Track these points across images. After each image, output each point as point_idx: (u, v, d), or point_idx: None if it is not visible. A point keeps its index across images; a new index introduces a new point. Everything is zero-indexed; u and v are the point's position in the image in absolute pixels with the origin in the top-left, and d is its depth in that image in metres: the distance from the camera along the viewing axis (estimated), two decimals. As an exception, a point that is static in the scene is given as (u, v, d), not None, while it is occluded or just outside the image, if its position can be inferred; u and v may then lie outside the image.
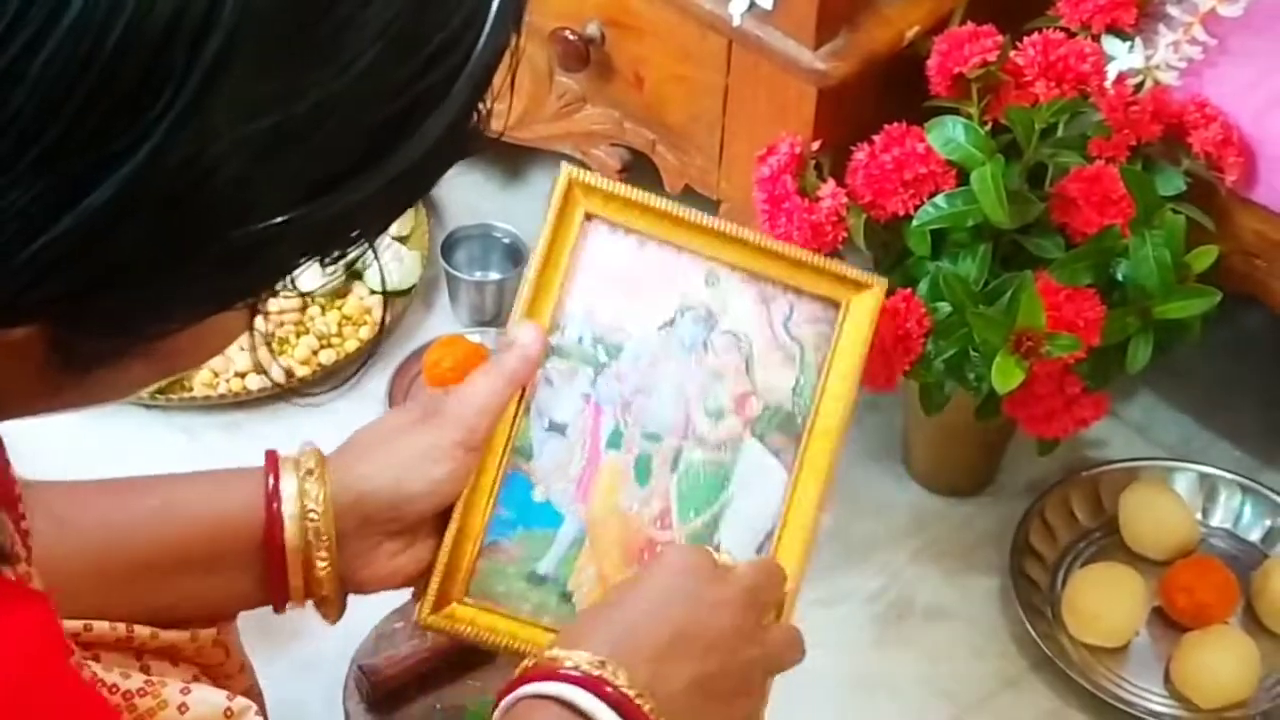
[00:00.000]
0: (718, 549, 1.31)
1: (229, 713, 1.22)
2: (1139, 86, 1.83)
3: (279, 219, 0.75)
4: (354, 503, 1.28)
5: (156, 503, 1.28)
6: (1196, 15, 1.84)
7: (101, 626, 1.23)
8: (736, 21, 1.79)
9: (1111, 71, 1.81)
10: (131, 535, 1.26)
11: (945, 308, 1.76)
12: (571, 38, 1.93)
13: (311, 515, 1.26)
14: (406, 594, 1.80)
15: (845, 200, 1.78)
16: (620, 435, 1.34)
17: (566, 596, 1.32)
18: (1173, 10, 1.85)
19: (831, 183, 1.78)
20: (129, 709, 1.15)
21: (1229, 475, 2.03)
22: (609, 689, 1.16)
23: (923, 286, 1.78)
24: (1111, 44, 1.83)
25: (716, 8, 1.80)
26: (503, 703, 1.18)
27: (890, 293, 1.75)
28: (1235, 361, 2.15)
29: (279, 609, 1.31)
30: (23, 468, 1.01)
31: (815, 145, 1.79)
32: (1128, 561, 1.95)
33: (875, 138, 1.80)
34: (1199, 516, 2.01)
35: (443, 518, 1.31)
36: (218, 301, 0.80)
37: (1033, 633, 1.88)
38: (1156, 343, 1.76)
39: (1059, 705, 1.88)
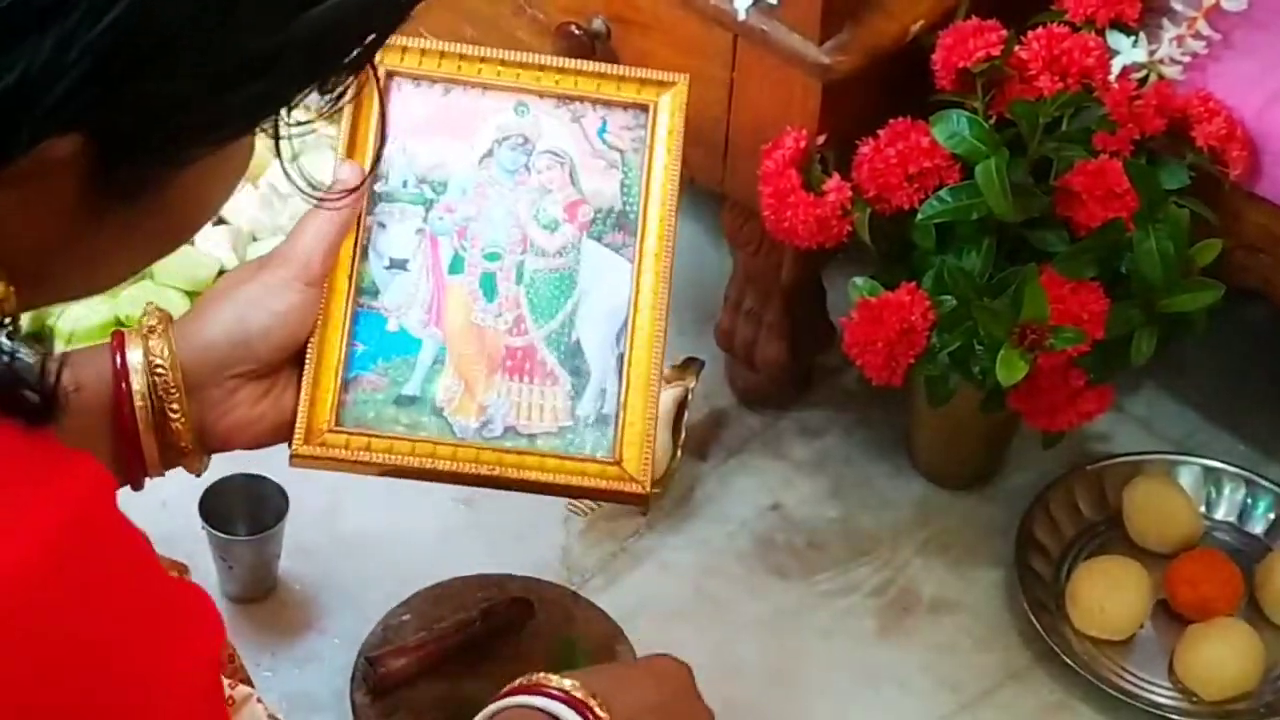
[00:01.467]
0: (577, 344, 1.37)
1: (230, 700, 1.22)
2: (1143, 81, 1.83)
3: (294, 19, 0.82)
4: (202, 350, 1.29)
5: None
6: (1200, 9, 1.84)
7: None
8: (742, 16, 1.79)
9: (1116, 66, 1.81)
10: None
11: (950, 301, 1.76)
12: (577, 32, 1.93)
13: (159, 370, 1.27)
14: (410, 589, 1.83)
15: (850, 194, 1.78)
16: (461, 260, 1.39)
17: (438, 410, 1.36)
18: (1177, 4, 1.86)
19: (836, 177, 1.78)
20: None
21: (1233, 468, 2.02)
22: (591, 716, 1.21)
23: (927, 280, 1.78)
24: (1116, 38, 1.83)
25: (722, 2, 1.80)
26: (489, 707, 1.22)
27: (895, 286, 1.77)
28: (1239, 355, 2.15)
29: (136, 483, 1.31)
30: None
31: (820, 139, 1.79)
32: (1132, 554, 1.95)
33: (880, 132, 1.80)
34: (1203, 510, 2.01)
35: (301, 364, 1.33)
36: (244, 116, 0.86)
37: (1037, 625, 1.88)
38: (1160, 336, 1.77)
39: (1063, 697, 1.88)
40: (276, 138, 0.91)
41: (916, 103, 1.81)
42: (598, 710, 1.22)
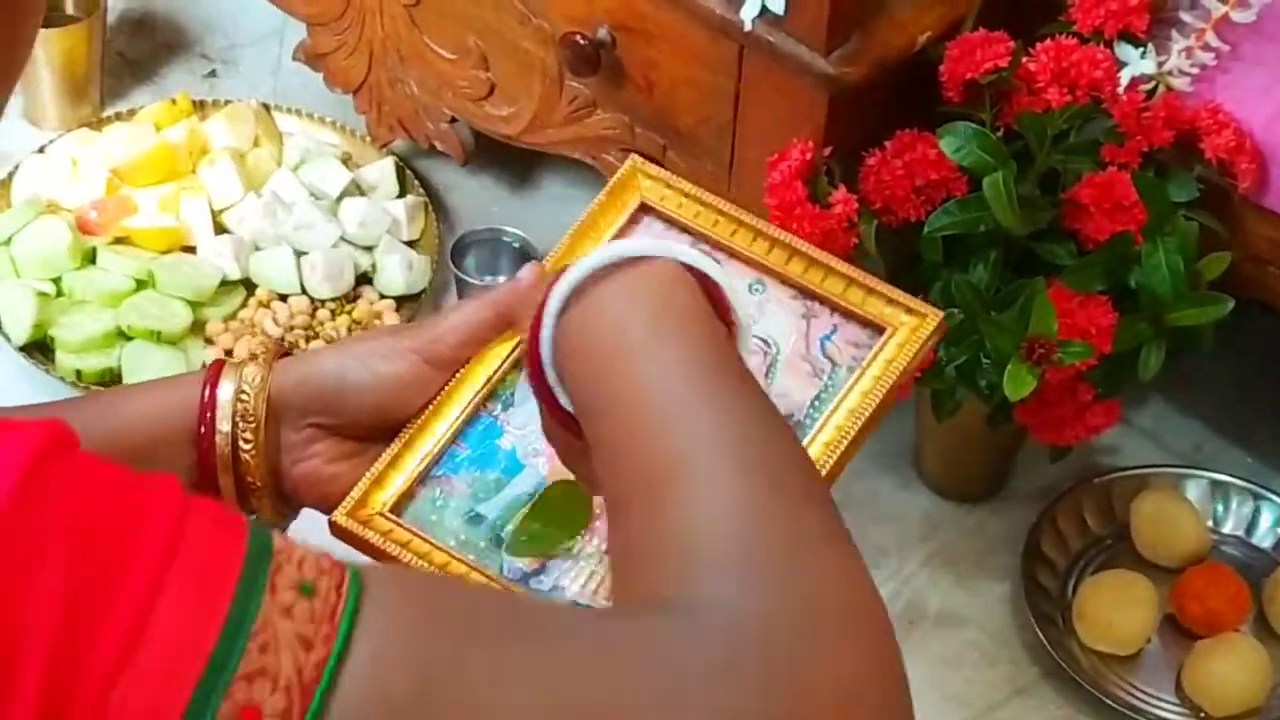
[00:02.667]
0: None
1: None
2: (1151, 92, 1.81)
3: None
4: (293, 387, 1.22)
5: (102, 408, 1.24)
6: (1209, 21, 1.83)
7: None
8: (748, 26, 1.77)
9: (1124, 77, 1.80)
10: (83, 430, 1.24)
11: (957, 314, 1.74)
12: (582, 42, 1.91)
13: (244, 395, 1.20)
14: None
15: (857, 206, 1.76)
16: None
17: (497, 541, 1.24)
18: (1185, 16, 1.84)
19: (843, 189, 1.76)
20: None
21: (1240, 482, 2.01)
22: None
23: (934, 293, 1.77)
24: (1124, 50, 1.81)
25: (728, 13, 1.79)
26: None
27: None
28: (1247, 368, 2.14)
29: None
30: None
31: (826, 151, 1.78)
32: (1139, 568, 1.94)
33: (887, 143, 1.79)
34: (1210, 524, 1.99)
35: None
36: None
37: (1044, 640, 1.87)
38: (1169, 350, 1.75)
39: (1070, 713, 1.87)
40: None
41: (924, 114, 1.80)
42: None
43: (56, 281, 2.10)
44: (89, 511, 0.81)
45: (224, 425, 1.21)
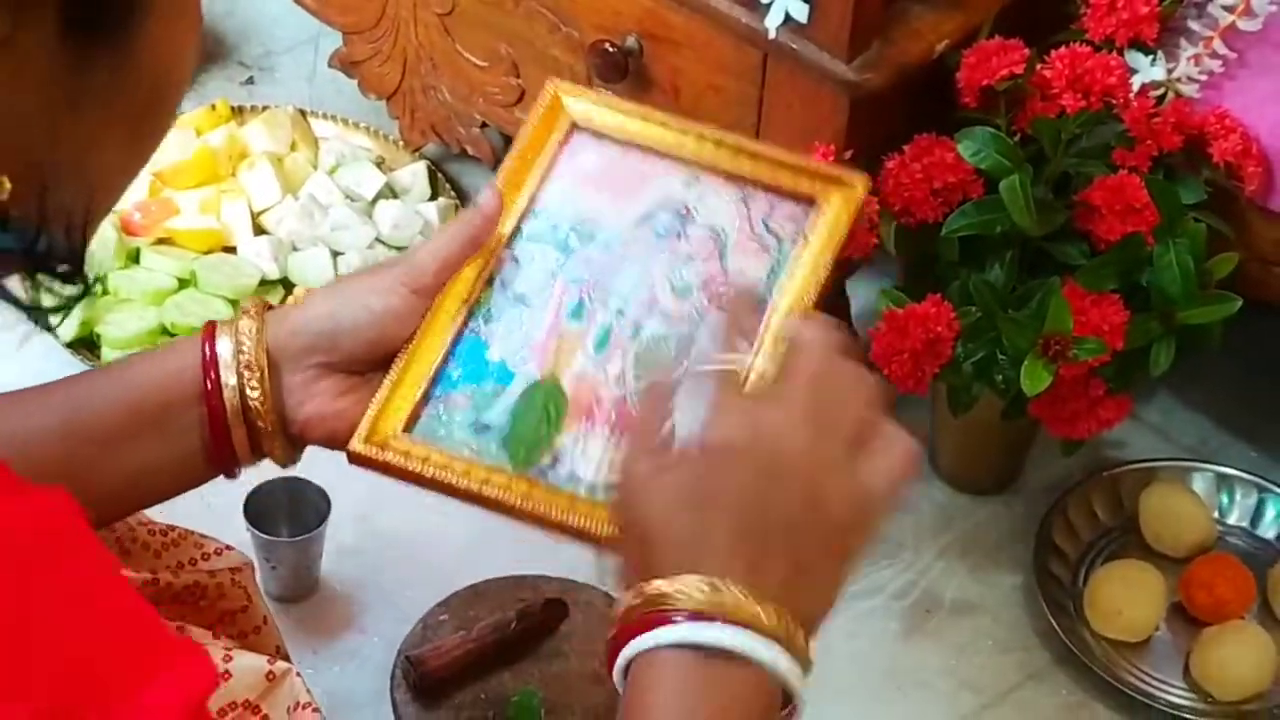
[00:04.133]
0: (670, 414, 1.19)
1: (271, 675, 1.22)
2: (1161, 98, 1.82)
3: None
4: (290, 333, 1.26)
5: (108, 380, 1.28)
6: (1216, 29, 1.84)
7: (128, 575, 1.23)
8: (772, 34, 1.79)
9: (1135, 84, 1.81)
10: (88, 414, 1.25)
11: (974, 312, 1.76)
12: (610, 50, 1.93)
13: (244, 348, 1.24)
14: (448, 590, 1.82)
15: (877, 207, 1.78)
16: (583, 308, 1.32)
17: (506, 443, 1.28)
18: (1193, 25, 1.85)
19: (863, 191, 1.77)
20: None
21: (1246, 475, 2.02)
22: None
23: (952, 292, 1.78)
24: (1135, 58, 1.82)
25: (752, 20, 1.80)
26: (619, 663, 1.06)
27: (921, 298, 1.76)
28: (1252, 366, 2.15)
29: (230, 470, 1.28)
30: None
31: (848, 154, 1.78)
32: (1147, 559, 1.94)
33: (906, 147, 1.80)
34: (1216, 515, 2.00)
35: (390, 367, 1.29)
36: None
37: (1056, 627, 1.88)
38: (1178, 347, 1.76)
39: (1082, 698, 1.87)
40: None
41: (941, 119, 1.81)
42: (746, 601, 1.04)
43: (102, 280, 2.12)
44: (63, 629, 0.82)
45: (229, 379, 1.24)
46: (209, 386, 1.24)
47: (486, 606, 1.80)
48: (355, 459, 1.27)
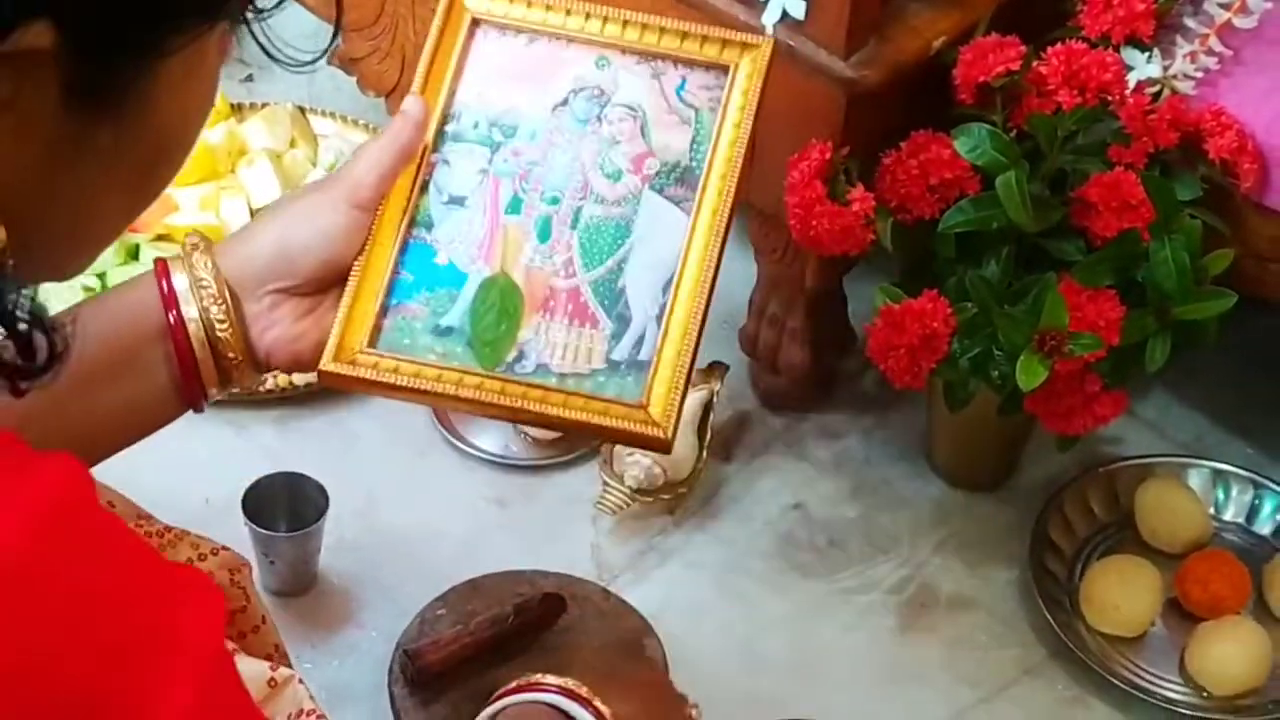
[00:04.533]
0: (623, 290, 1.33)
1: (273, 682, 1.22)
2: (1157, 96, 1.82)
3: None
4: (243, 261, 1.28)
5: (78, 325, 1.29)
6: (1212, 27, 1.84)
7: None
8: (769, 31, 1.78)
9: (1131, 81, 1.81)
10: None
11: (970, 308, 1.76)
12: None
13: (203, 283, 1.26)
14: (446, 585, 1.82)
15: (873, 204, 1.78)
16: (520, 201, 1.36)
17: (470, 342, 1.32)
18: (1189, 22, 1.85)
19: (860, 187, 1.78)
20: None
21: (1241, 471, 2.02)
22: (592, 709, 1.23)
23: (949, 288, 1.78)
24: (1131, 55, 1.82)
25: (750, 17, 1.80)
26: (488, 709, 1.25)
27: (917, 294, 1.76)
28: (1247, 362, 2.15)
29: (198, 404, 1.30)
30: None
31: (845, 151, 1.79)
32: (1143, 554, 1.94)
33: (903, 144, 1.80)
34: (1212, 511, 2.00)
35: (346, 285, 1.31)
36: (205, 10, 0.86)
37: (1052, 622, 1.87)
38: (1174, 343, 1.76)
39: (1078, 692, 1.87)
40: (245, 22, 0.91)
41: (938, 116, 1.81)
42: (597, 704, 1.22)
43: (101, 276, 2.11)
44: (96, 578, 0.83)
45: (191, 311, 1.26)
46: (172, 322, 1.26)
47: (484, 601, 1.80)
48: (326, 378, 1.30)
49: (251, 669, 1.20)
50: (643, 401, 1.29)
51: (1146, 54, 1.83)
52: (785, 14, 1.77)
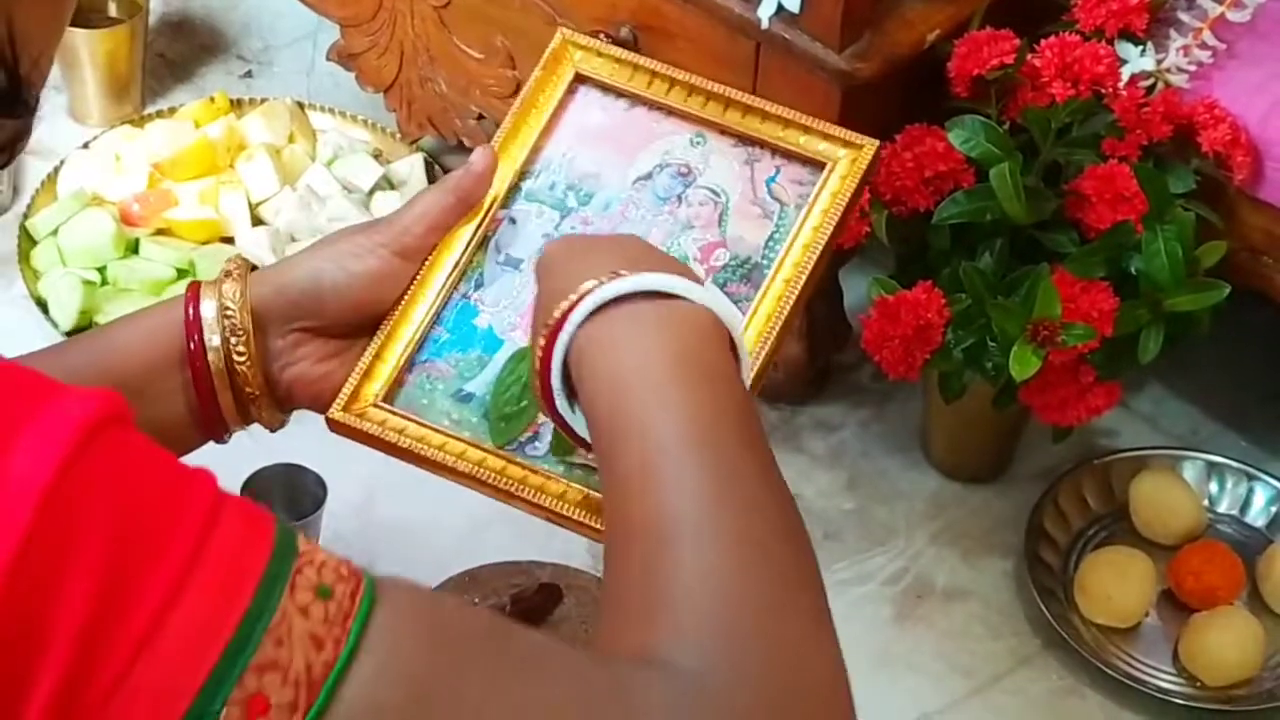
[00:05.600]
0: None
1: None
2: (1151, 88, 1.82)
3: None
4: (273, 295, 1.23)
5: (88, 347, 1.25)
6: (1206, 20, 1.84)
7: None
8: (765, 24, 1.78)
9: (1124, 74, 1.81)
10: (70, 375, 1.23)
11: (964, 299, 1.76)
12: (605, 41, 1.92)
13: (229, 312, 1.21)
14: (443, 576, 1.82)
15: (869, 196, 1.77)
16: None
17: (487, 414, 1.25)
18: (1183, 16, 1.85)
19: (855, 180, 1.77)
20: None
21: (1235, 464, 2.02)
22: None
23: (943, 279, 1.78)
24: (1124, 48, 1.82)
25: (745, 11, 1.80)
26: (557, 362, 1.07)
27: (912, 285, 1.76)
28: (1242, 355, 2.14)
29: (219, 436, 1.26)
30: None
31: (839, 144, 1.78)
32: (1137, 546, 1.94)
33: (898, 137, 1.80)
34: (1206, 503, 2.00)
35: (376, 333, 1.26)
36: None
37: (1046, 613, 1.87)
38: (1167, 334, 1.76)
39: (1072, 682, 1.87)
40: None
41: (933, 109, 1.81)
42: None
43: (101, 271, 2.11)
44: (131, 493, 0.82)
45: (214, 340, 1.22)
46: (192, 349, 1.22)
47: (481, 591, 1.79)
48: (334, 426, 1.25)
49: None
50: None
51: (1140, 47, 1.83)
52: (780, 7, 1.77)
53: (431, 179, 2.27)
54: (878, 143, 1.30)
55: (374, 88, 2.27)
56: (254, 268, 1.26)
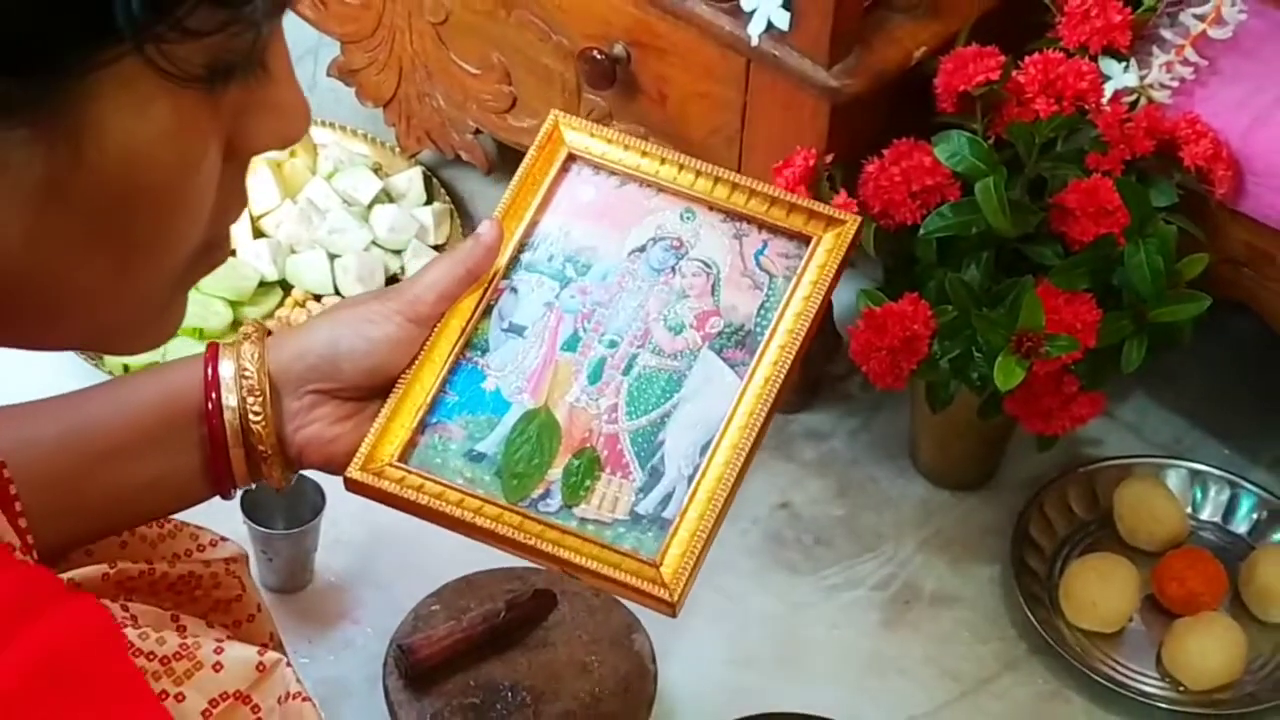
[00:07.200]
0: (661, 444, 1.28)
1: (261, 667, 1.21)
2: (1134, 104, 1.83)
3: None
4: (290, 359, 1.26)
5: (109, 395, 1.28)
6: (1188, 37, 1.84)
7: (125, 565, 1.23)
8: (755, 41, 1.79)
9: (1108, 90, 1.81)
10: (89, 427, 1.25)
11: (950, 311, 1.76)
12: (599, 57, 1.93)
13: (246, 373, 1.24)
14: (440, 582, 1.82)
15: (857, 210, 1.78)
16: (578, 340, 1.32)
17: (500, 472, 1.28)
18: (1165, 33, 1.85)
19: (844, 193, 1.78)
20: (167, 674, 1.15)
21: (1218, 472, 2.02)
22: None
23: (929, 291, 1.78)
24: (1108, 64, 1.83)
25: (736, 28, 1.81)
26: None
27: (899, 297, 1.76)
28: (1224, 365, 2.15)
29: (226, 492, 1.29)
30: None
31: (828, 158, 1.79)
32: (1122, 552, 1.94)
33: (885, 151, 1.80)
34: (1189, 510, 2.00)
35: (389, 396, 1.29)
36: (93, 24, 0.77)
37: (1032, 619, 1.88)
38: (1149, 345, 1.76)
39: (1057, 687, 1.87)
40: (174, 76, 0.79)
41: (919, 124, 1.81)
42: None
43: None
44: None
45: (230, 400, 1.25)
46: (210, 407, 1.25)
47: (477, 597, 1.80)
48: (352, 486, 1.28)
49: (240, 654, 1.20)
50: (656, 560, 1.24)
51: (1124, 64, 1.84)
52: (770, 25, 1.77)
53: (429, 192, 2.28)
54: (860, 219, 1.36)
55: (373, 103, 2.28)
56: (269, 332, 1.29)
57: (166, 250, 0.86)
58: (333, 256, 2.17)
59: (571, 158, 1.38)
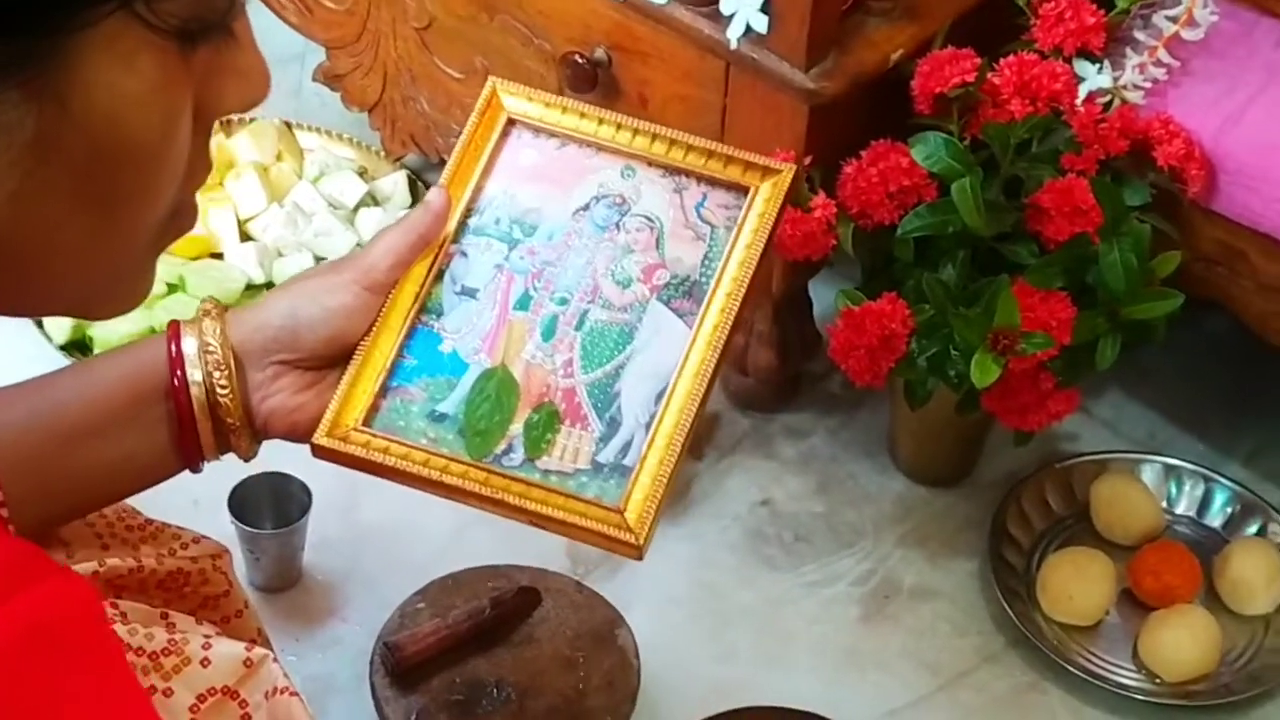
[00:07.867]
0: (617, 395, 1.31)
1: (248, 661, 1.22)
2: (1107, 105, 1.83)
3: None
4: (251, 331, 1.28)
5: (75, 377, 1.29)
6: (1161, 39, 1.85)
7: (114, 563, 1.24)
8: (734, 45, 1.80)
9: (1082, 91, 1.82)
10: (57, 408, 1.26)
11: (928, 310, 1.77)
12: (580, 61, 1.93)
13: (210, 348, 1.26)
14: (426, 580, 1.83)
15: (835, 211, 1.79)
16: (529, 299, 1.34)
17: (463, 431, 1.30)
18: (1139, 35, 1.86)
19: (822, 194, 1.79)
20: (155, 669, 1.16)
21: (1192, 466, 2.03)
22: None
23: (907, 290, 1.79)
24: (1082, 66, 1.84)
25: (715, 32, 1.81)
26: None
27: (877, 296, 1.77)
28: (1198, 361, 2.16)
29: (195, 464, 1.30)
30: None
31: (807, 160, 1.80)
32: (1098, 546, 1.95)
33: (863, 153, 1.81)
34: (1164, 505, 2.01)
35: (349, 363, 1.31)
36: None
37: (1010, 612, 1.88)
38: (1124, 342, 1.77)
39: (1035, 679, 1.88)
40: (158, 29, 0.81)
41: (896, 126, 1.82)
42: None
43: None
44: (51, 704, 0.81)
45: (195, 375, 1.26)
46: (176, 383, 1.26)
47: (462, 595, 1.81)
48: (319, 452, 1.30)
49: (228, 650, 1.21)
50: (620, 506, 1.26)
51: (1097, 65, 1.84)
52: (749, 28, 1.78)
53: (414, 195, 2.29)
54: (795, 166, 1.38)
55: (359, 107, 2.28)
56: (226, 308, 1.30)
57: (147, 206, 0.88)
58: (319, 259, 2.17)
59: (511, 122, 1.40)
